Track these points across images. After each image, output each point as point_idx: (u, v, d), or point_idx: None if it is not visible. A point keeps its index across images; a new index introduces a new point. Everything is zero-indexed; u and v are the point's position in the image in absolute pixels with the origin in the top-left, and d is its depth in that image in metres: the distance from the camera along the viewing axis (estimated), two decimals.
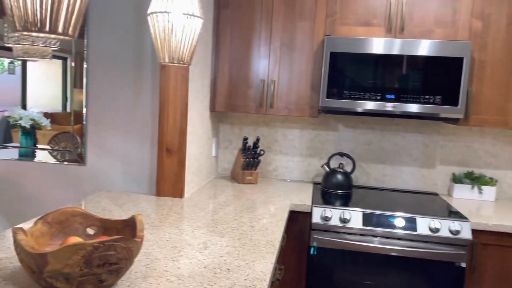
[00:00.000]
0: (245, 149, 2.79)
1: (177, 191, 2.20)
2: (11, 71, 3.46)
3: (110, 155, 2.83)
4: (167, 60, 1.50)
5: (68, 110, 3.23)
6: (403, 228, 2.18)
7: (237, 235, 1.70)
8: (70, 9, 0.82)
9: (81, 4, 0.84)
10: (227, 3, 2.61)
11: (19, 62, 3.32)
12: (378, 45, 2.36)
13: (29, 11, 0.80)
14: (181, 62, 1.52)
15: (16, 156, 3.12)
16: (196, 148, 2.43)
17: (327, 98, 2.43)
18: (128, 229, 1.34)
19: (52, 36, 0.87)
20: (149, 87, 2.66)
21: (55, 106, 3.27)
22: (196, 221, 1.85)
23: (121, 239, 1.14)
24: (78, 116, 3.03)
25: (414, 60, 2.34)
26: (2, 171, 3.02)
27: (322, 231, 2.24)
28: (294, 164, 2.99)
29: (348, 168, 2.91)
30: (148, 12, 1.45)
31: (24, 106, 3.25)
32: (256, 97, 2.62)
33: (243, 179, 2.75)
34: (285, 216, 2.03)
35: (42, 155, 3.12)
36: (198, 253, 1.48)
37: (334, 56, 2.40)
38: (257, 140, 2.75)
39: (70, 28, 0.84)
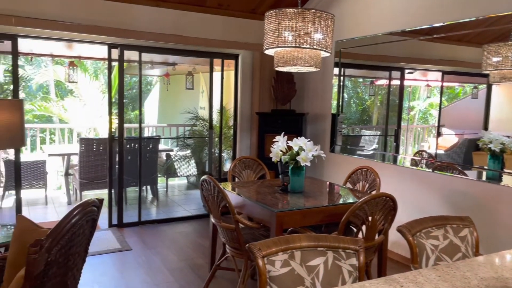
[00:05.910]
0: None
1: None
2: (474, 96, 3.61)
3: None
4: None
5: None
6: None
7: None
8: None
9: None
10: None
11: (482, 87, 3.42)
12: None
13: None
14: None
15: (475, 177, 3.23)
16: None
17: None
18: None
19: None
20: None
21: None
22: None
23: None
24: None
25: None
26: (475, 191, 3.18)
27: None
28: None
29: None
30: None
31: (485, 129, 3.33)
32: None
33: None
34: None
35: (508, 179, 3.08)
36: None
37: None
38: None
39: None
